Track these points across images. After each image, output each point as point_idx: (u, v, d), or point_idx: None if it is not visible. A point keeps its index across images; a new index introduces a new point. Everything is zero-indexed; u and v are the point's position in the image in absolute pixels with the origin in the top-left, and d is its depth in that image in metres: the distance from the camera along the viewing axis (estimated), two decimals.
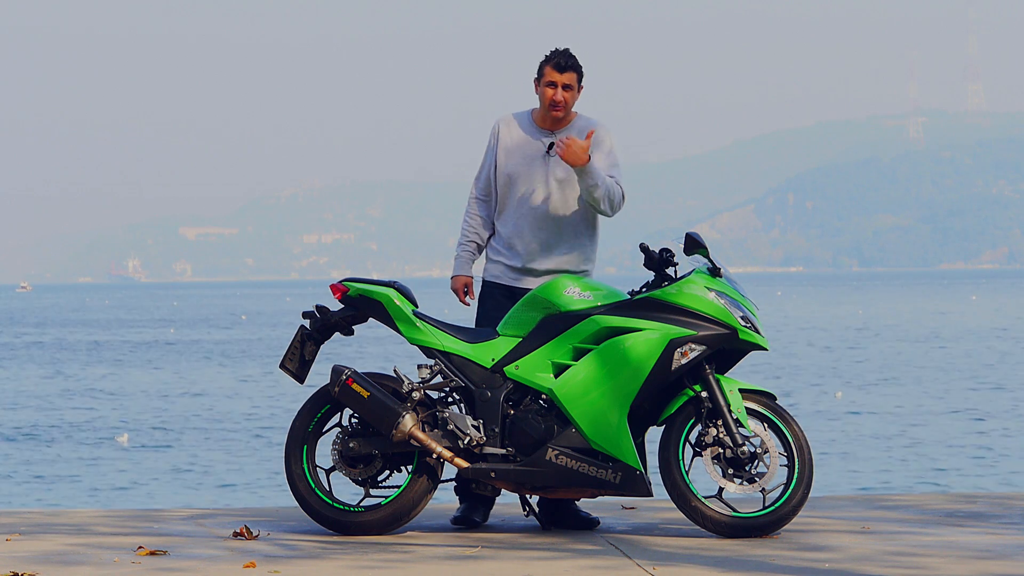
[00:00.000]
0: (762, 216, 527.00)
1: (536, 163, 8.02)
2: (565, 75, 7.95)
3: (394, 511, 7.66)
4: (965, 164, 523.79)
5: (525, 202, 8.03)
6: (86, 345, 62.78)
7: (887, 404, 32.36)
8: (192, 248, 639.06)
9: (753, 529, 7.49)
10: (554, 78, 7.96)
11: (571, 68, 7.96)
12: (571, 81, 7.96)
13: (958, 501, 8.74)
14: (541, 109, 8.05)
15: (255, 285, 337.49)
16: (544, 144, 8.03)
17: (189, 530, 7.85)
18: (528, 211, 8.02)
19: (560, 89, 7.95)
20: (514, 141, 8.07)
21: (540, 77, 8.01)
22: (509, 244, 8.07)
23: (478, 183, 8.22)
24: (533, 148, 8.05)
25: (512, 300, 8.03)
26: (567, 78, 7.95)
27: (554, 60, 7.97)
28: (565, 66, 7.96)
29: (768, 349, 7.85)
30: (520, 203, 8.04)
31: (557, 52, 8.01)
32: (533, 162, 8.03)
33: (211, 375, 44.08)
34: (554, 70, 7.96)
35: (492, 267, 8.14)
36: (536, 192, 8.01)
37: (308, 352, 7.90)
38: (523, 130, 8.08)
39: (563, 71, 7.96)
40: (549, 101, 7.97)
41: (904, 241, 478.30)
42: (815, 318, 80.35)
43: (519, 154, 8.05)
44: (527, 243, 8.03)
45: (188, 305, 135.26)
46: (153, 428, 29.66)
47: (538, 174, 8.02)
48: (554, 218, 8.02)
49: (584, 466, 7.50)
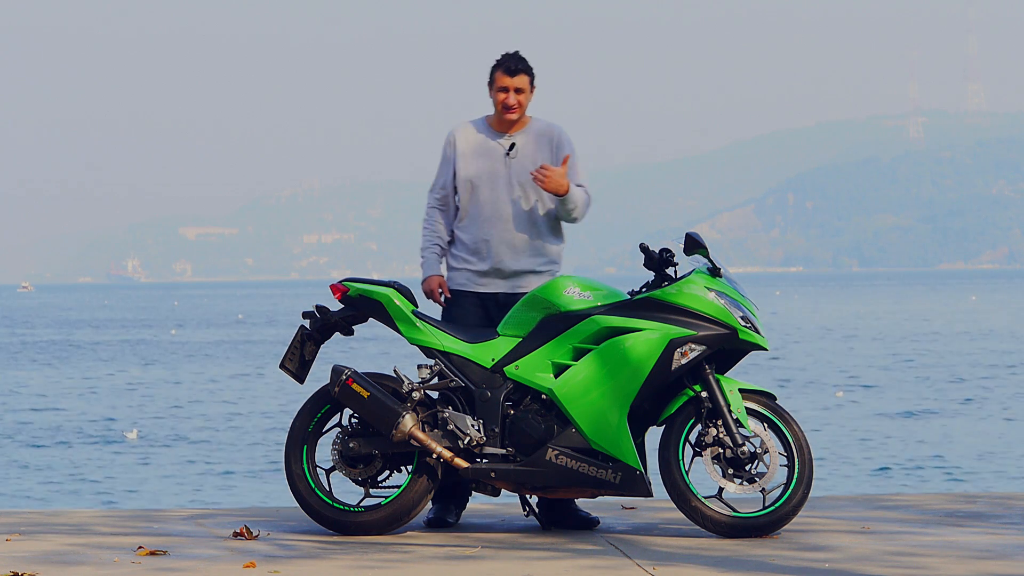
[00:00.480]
0: (762, 216, 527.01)
1: (498, 166, 8.02)
2: (516, 78, 7.96)
3: (394, 511, 7.66)
4: (965, 164, 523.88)
5: (489, 205, 8.02)
6: (89, 345, 62.79)
7: (887, 404, 32.36)
8: (192, 248, 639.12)
9: (753, 529, 7.49)
10: (505, 83, 7.97)
11: (522, 71, 7.97)
12: (523, 84, 7.97)
13: (958, 501, 8.74)
14: (496, 114, 8.06)
15: (255, 285, 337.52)
16: (503, 146, 8.03)
17: (189, 530, 7.85)
18: (493, 214, 8.01)
19: (512, 93, 7.96)
20: (472, 147, 8.06)
21: (492, 82, 8.02)
22: (475, 250, 8.04)
23: (434, 193, 8.18)
24: (493, 152, 8.04)
25: (480, 306, 8.04)
26: (519, 81, 7.96)
27: (504, 64, 7.98)
28: (516, 69, 7.96)
29: (768, 349, 7.85)
30: (484, 207, 8.02)
31: (507, 56, 8.02)
32: (494, 166, 8.02)
33: (211, 375, 44.09)
34: (505, 74, 7.97)
35: (456, 275, 8.12)
36: (500, 195, 8.01)
37: (308, 352, 7.90)
38: (480, 135, 8.07)
39: (514, 74, 7.96)
40: (502, 105, 7.98)
41: (904, 241, 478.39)
42: (815, 318, 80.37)
43: (479, 159, 8.04)
44: (494, 246, 8.01)
45: (188, 305, 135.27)
46: (152, 429, 29.66)
47: (500, 177, 8.02)
48: (520, 219, 8.02)
49: (584, 466, 7.50)
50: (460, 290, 8.08)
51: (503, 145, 8.04)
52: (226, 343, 62.68)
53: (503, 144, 8.04)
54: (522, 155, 8.02)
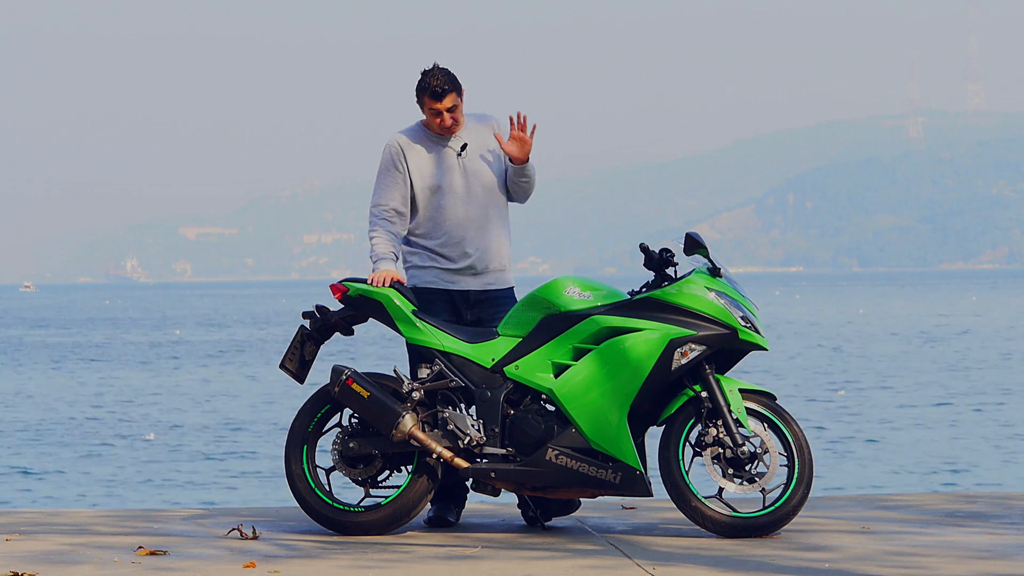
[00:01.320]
0: (762, 216, 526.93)
1: (454, 171, 7.99)
2: (445, 100, 7.87)
3: (394, 511, 7.66)
4: (965, 164, 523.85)
5: (453, 209, 7.97)
6: (91, 345, 62.80)
7: (888, 404, 32.36)
8: (192, 248, 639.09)
9: (753, 529, 7.49)
10: (436, 107, 7.89)
11: (448, 92, 7.86)
12: (453, 102, 7.88)
13: (958, 501, 8.74)
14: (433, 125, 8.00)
15: (255, 285, 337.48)
16: (454, 149, 7.99)
17: (189, 530, 7.85)
18: (460, 217, 7.97)
19: (446, 114, 7.90)
20: (423, 157, 7.99)
21: (421, 105, 7.93)
22: (444, 253, 7.99)
23: (382, 207, 8.02)
24: (443, 157, 8.00)
25: (450, 303, 8.00)
26: (448, 102, 7.87)
27: (429, 90, 7.86)
28: (442, 92, 7.85)
29: (768, 349, 7.85)
30: (448, 211, 7.97)
31: (429, 77, 7.86)
32: (450, 170, 7.98)
33: (211, 375, 44.09)
34: (432, 99, 7.88)
35: (423, 273, 8.04)
36: (462, 197, 7.97)
37: (308, 352, 7.90)
38: (427, 143, 8.01)
39: (441, 98, 7.86)
40: (439, 126, 7.92)
41: (904, 241, 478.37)
42: (815, 317, 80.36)
43: (432, 167, 7.98)
44: (466, 247, 7.98)
45: (189, 305, 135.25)
46: (152, 428, 29.66)
47: (457, 181, 7.98)
48: (484, 217, 8.00)
49: (584, 466, 7.50)
50: (429, 288, 8.02)
51: (453, 148, 8.00)
52: (226, 343, 62.69)
53: (453, 147, 8.00)
54: (472, 151, 8.01)
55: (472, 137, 8.03)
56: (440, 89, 7.86)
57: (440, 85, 7.85)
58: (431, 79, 7.87)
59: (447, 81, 7.87)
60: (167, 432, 28.90)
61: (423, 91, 7.89)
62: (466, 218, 7.99)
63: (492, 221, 8.04)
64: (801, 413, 28.98)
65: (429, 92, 7.87)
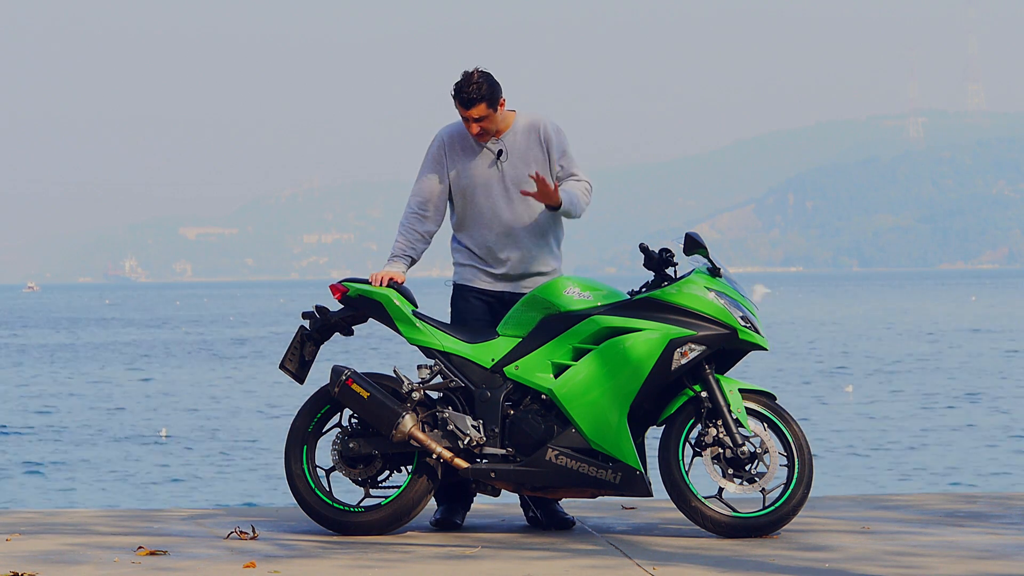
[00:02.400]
0: (762, 216, 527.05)
1: (491, 173, 7.94)
2: (473, 109, 7.80)
3: (394, 511, 7.66)
4: (965, 164, 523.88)
5: (487, 212, 7.94)
6: (92, 346, 62.81)
7: (887, 404, 32.36)
8: (192, 248, 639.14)
9: (753, 529, 7.49)
10: (465, 114, 7.84)
11: (476, 101, 7.78)
12: (481, 113, 7.80)
13: (958, 501, 8.74)
14: None
15: (255, 285, 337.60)
16: (493, 152, 7.95)
17: (189, 530, 7.85)
18: (492, 220, 7.93)
19: (473, 123, 7.84)
20: (463, 155, 7.96)
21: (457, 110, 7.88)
22: (480, 255, 7.97)
23: (417, 198, 8.00)
24: (483, 159, 7.95)
25: (485, 303, 7.98)
26: (476, 112, 7.80)
27: (459, 96, 7.81)
28: (469, 101, 7.78)
29: (768, 349, 7.85)
30: (482, 214, 7.94)
31: (461, 87, 7.80)
32: (487, 172, 7.94)
33: (211, 375, 44.08)
34: (461, 106, 7.84)
35: (464, 271, 8.02)
36: (497, 201, 7.92)
37: (308, 352, 7.90)
38: (468, 143, 7.97)
39: (469, 107, 7.80)
40: (472, 133, 7.87)
41: (904, 241, 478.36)
42: (815, 317, 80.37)
43: (471, 167, 7.94)
44: (498, 252, 7.94)
45: (190, 305, 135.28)
46: (152, 427, 29.67)
47: (494, 183, 7.93)
48: (519, 222, 7.93)
49: (584, 466, 7.50)
50: (467, 285, 8.01)
51: (492, 151, 7.96)
52: (226, 343, 62.69)
53: (492, 150, 7.96)
54: (513, 157, 7.93)
55: (514, 140, 7.94)
56: (467, 98, 7.78)
57: (468, 95, 7.77)
58: (464, 85, 7.79)
59: (479, 89, 7.76)
60: (170, 432, 28.89)
61: (455, 96, 7.83)
62: (497, 222, 7.92)
63: (526, 227, 7.94)
64: (801, 413, 28.97)
65: (459, 98, 7.82)
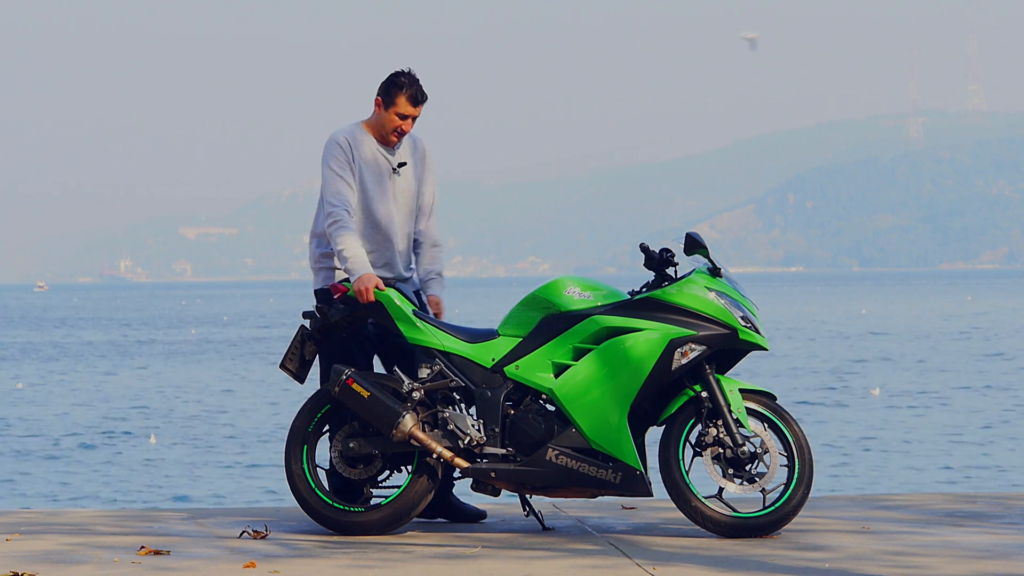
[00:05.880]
0: (762, 216, 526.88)
1: (386, 182, 8.01)
2: (418, 108, 7.91)
3: (394, 511, 7.66)
4: (965, 164, 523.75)
5: (383, 222, 7.98)
6: (92, 346, 62.80)
7: (889, 403, 32.36)
8: (192, 248, 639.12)
9: (753, 529, 7.49)
10: (407, 111, 7.89)
11: (424, 100, 7.91)
12: (420, 113, 7.93)
13: (958, 501, 8.74)
14: (380, 128, 7.97)
15: (255, 285, 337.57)
16: (392, 162, 8.00)
17: (189, 530, 7.85)
18: (387, 230, 7.99)
19: (410, 121, 7.92)
20: (367, 160, 8.00)
21: (390, 102, 7.89)
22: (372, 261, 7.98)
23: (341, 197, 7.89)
24: (383, 168, 8.01)
25: None
26: (419, 111, 7.92)
27: (409, 91, 7.86)
28: (420, 99, 7.89)
29: (768, 349, 7.85)
30: (379, 222, 7.98)
31: (412, 82, 7.88)
32: (383, 181, 8.00)
33: (211, 375, 44.09)
34: (409, 103, 7.88)
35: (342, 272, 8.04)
36: (390, 210, 8.00)
37: (308, 352, 7.90)
38: (371, 149, 7.99)
39: (416, 105, 7.90)
40: (397, 129, 7.91)
41: (904, 241, 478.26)
42: (815, 317, 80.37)
43: (372, 173, 7.99)
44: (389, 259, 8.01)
45: (191, 305, 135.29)
46: (151, 429, 29.66)
47: (387, 192, 8.01)
48: (402, 232, 8.05)
49: (584, 466, 7.50)
50: None
51: (392, 162, 8.02)
52: (227, 342, 62.68)
53: (392, 161, 8.02)
54: (404, 171, 8.07)
55: (406, 156, 8.06)
56: (420, 96, 7.89)
57: (421, 94, 7.89)
58: (413, 82, 7.88)
59: (425, 94, 7.92)
60: (167, 432, 28.89)
61: (400, 90, 7.87)
62: (392, 232, 8.01)
63: (406, 236, 8.08)
64: (802, 413, 28.97)
65: (409, 95, 7.88)
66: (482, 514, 8.08)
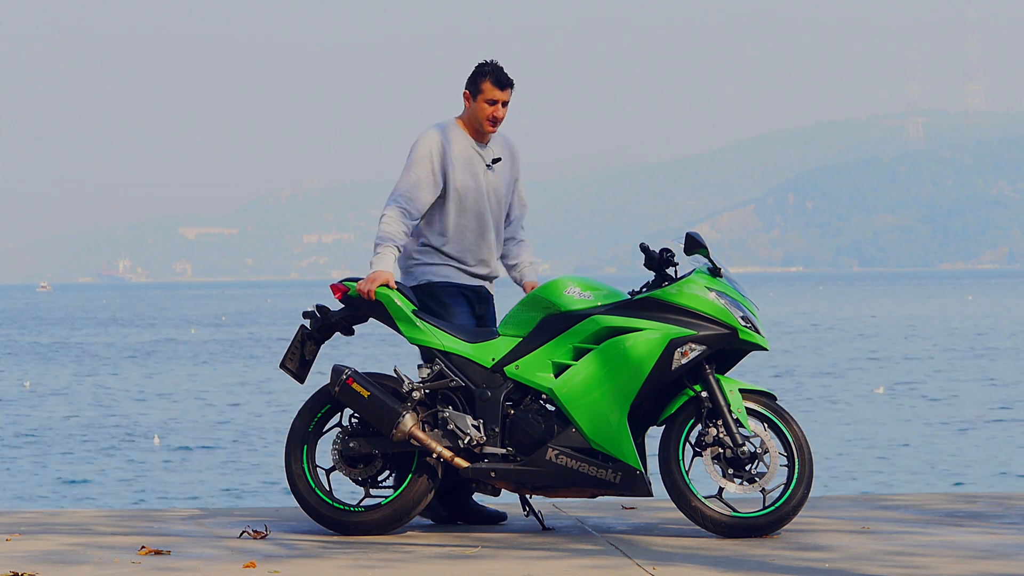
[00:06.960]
0: (762, 216, 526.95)
1: (480, 179, 7.97)
2: (505, 91, 7.87)
3: (394, 511, 7.66)
4: (965, 164, 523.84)
5: (476, 219, 7.95)
6: (93, 347, 62.80)
7: (888, 403, 32.36)
8: (192, 248, 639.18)
9: (753, 529, 7.49)
10: (495, 95, 7.85)
11: (510, 84, 7.89)
12: (509, 97, 7.90)
13: (958, 501, 8.74)
14: (473, 122, 7.94)
15: (255, 285, 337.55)
16: (485, 159, 7.97)
17: (189, 530, 7.85)
18: (480, 227, 7.96)
19: (500, 106, 7.87)
20: (461, 157, 7.94)
21: (477, 91, 7.87)
22: (462, 259, 7.96)
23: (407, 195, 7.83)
24: (477, 164, 7.97)
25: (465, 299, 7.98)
26: (507, 95, 7.88)
27: (494, 75, 7.85)
28: (505, 82, 7.86)
29: (768, 349, 7.85)
30: (472, 220, 7.94)
31: (495, 67, 7.89)
32: (478, 178, 7.96)
33: (211, 375, 44.09)
34: (495, 87, 7.85)
35: (440, 269, 7.97)
36: (483, 208, 7.97)
37: (308, 352, 7.90)
38: (465, 145, 7.95)
39: (503, 88, 7.86)
40: (489, 117, 7.87)
41: (904, 241, 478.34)
42: (814, 317, 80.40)
43: (468, 170, 7.94)
44: (484, 257, 7.99)
45: (193, 304, 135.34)
46: (152, 428, 29.67)
47: (482, 190, 7.97)
48: (497, 230, 8.04)
49: (584, 466, 7.49)
50: (446, 282, 7.98)
51: (484, 158, 7.98)
52: (227, 342, 62.68)
53: (485, 157, 7.98)
54: (498, 168, 8.03)
55: (500, 152, 8.02)
56: (505, 78, 7.86)
57: (505, 75, 7.86)
58: (496, 68, 7.86)
59: (509, 77, 7.88)
60: (167, 432, 28.90)
61: (485, 76, 7.85)
62: (486, 229, 7.97)
63: (500, 233, 8.06)
64: (803, 413, 28.97)
65: (493, 78, 7.85)
66: (502, 516, 8.04)
